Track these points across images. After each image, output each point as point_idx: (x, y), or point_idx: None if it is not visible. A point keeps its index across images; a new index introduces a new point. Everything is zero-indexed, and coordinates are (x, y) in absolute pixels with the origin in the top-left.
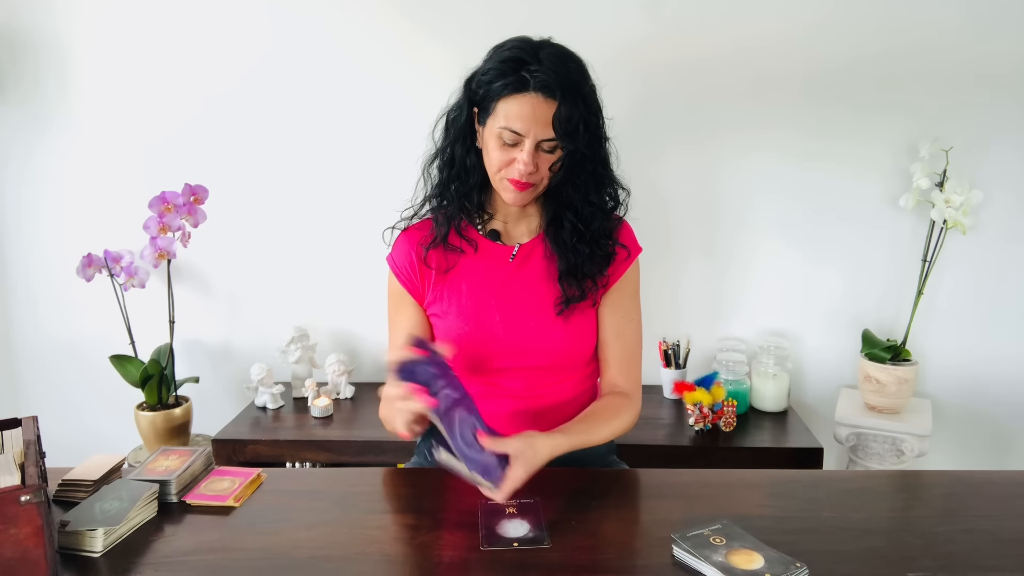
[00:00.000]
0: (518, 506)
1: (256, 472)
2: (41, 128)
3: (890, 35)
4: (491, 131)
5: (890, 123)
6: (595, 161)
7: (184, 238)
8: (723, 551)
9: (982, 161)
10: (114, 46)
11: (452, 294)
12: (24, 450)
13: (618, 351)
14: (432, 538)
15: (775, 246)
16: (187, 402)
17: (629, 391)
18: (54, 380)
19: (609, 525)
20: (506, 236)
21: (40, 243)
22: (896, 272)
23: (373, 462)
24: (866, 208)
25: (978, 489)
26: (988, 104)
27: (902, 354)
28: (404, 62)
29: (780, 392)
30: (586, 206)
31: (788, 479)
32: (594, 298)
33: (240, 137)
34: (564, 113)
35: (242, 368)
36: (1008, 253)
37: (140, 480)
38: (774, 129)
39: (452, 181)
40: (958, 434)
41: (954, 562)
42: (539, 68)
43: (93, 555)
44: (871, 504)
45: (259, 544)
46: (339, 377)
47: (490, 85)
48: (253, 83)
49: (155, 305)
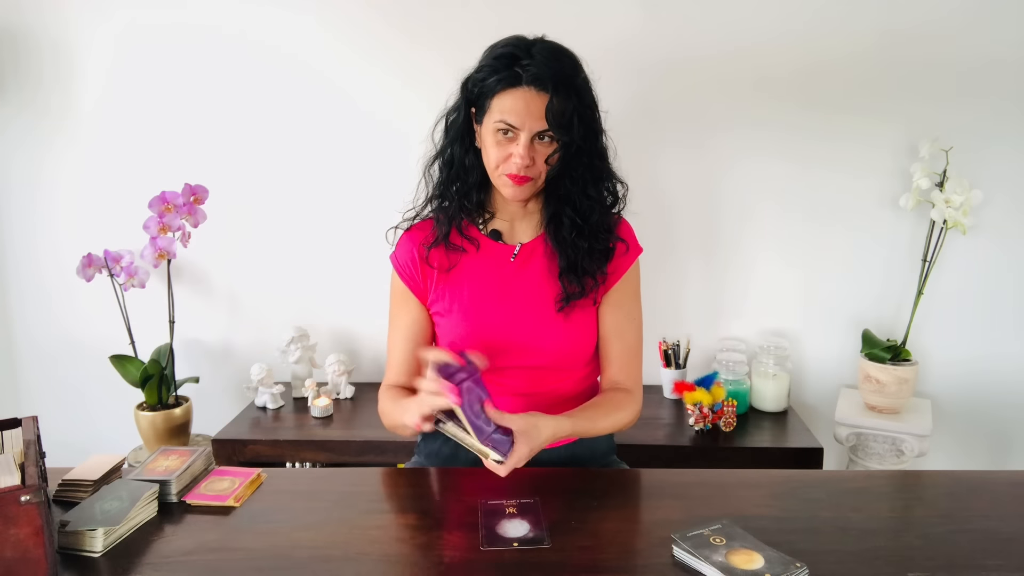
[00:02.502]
0: (518, 506)
1: (256, 472)
2: (42, 128)
3: (890, 34)
4: (488, 128)
5: (890, 123)
6: (592, 154)
7: (184, 238)
8: (723, 551)
9: (982, 161)
10: (115, 46)
11: (454, 293)
12: (24, 450)
13: (619, 349)
14: (432, 538)
15: (775, 246)
16: (187, 402)
17: (630, 388)
18: (54, 380)
19: (609, 525)
20: (508, 236)
21: (40, 243)
22: (896, 272)
23: (373, 462)
24: (866, 208)
25: (978, 489)
26: (988, 104)
27: (902, 354)
28: (404, 62)
29: (780, 392)
30: (584, 200)
31: (788, 479)
32: (595, 296)
33: (240, 137)
34: (557, 106)
35: (242, 368)
36: (1008, 253)
37: (140, 480)
38: (774, 129)
39: (452, 181)
40: (958, 434)
41: (954, 562)
42: (531, 62)
43: (93, 555)
44: (871, 504)
45: (259, 544)
46: (339, 377)
47: (484, 82)
48: (253, 83)
49: (155, 305)
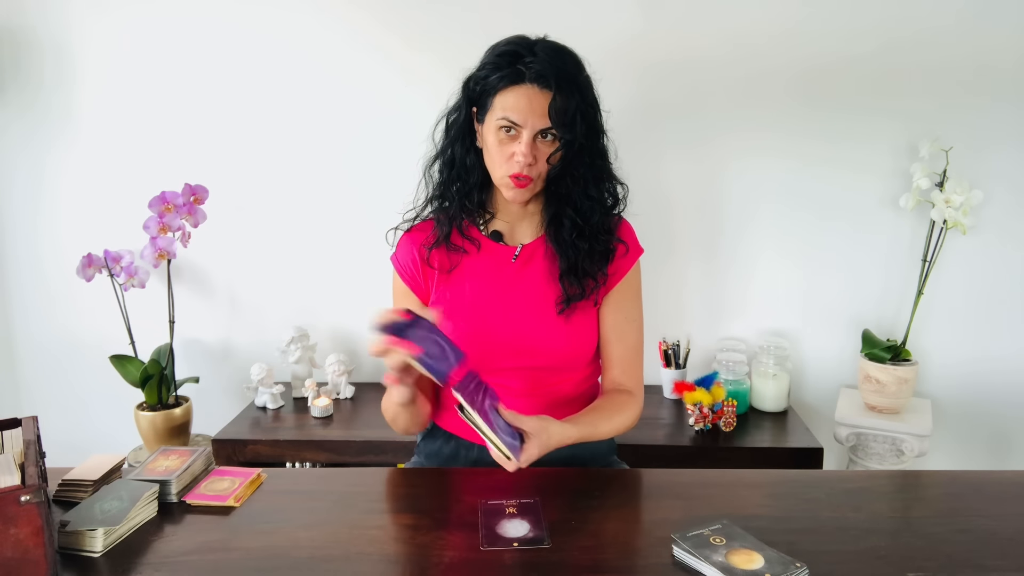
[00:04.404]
0: (518, 506)
1: (256, 472)
2: (41, 128)
3: (890, 34)
4: (490, 126)
5: (890, 123)
6: (593, 153)
7: (184, 238)
8: (723, 551)
9: (982, 161)
10: (115, 46)
11: (455, 294)
12: (24, 450)
13: (620, 350)
14: (432, 538)
15: (775, 246)
16: (187, 402)
17: (632, 388)
18: (54, 380)
19: (609, 525)
20: (509, 237)
21: (40, 243)
22: (896, 272)
23: (373, 462)
24: (866, 208)
25: (978, 489)
26: (988, 104)
27: (902, 354)
28: (404, 62)
29: (780, 392)
30: (585, 200)
31: (788, 479)
32: (595, 297)
33: (240, 137)
34: (560, 103)
35: (242, 368)
36: (1008, 253)
37: (140, 480)
38: (774, 129)
39: (453, 181)
40: (958, 434)
41: (954, 562)
42: (534, 60)
43: (93, 555)
44: (871, 504)
45: (259, 544)
46: (339, 377)
47: (487, 80)
48: (253, 83)
49: (155, 305)
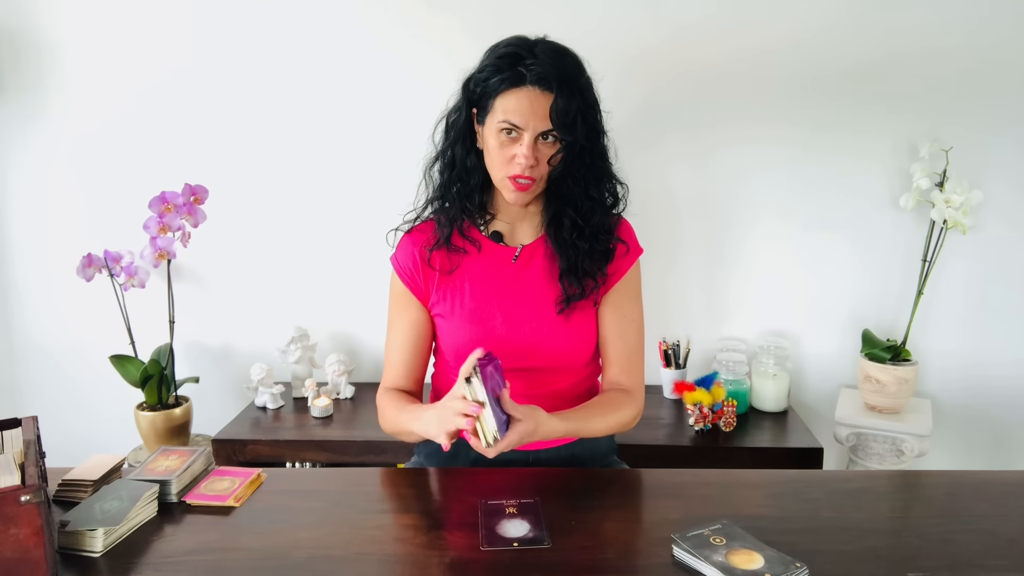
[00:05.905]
0: (518, 506)
1: (256, 472)
2: (41, 128)
3: (890, 35)
4: (491, 129)
5: (890, 123)
6: (593, 154)
7: (184, 238)
8: (723, 551)
9: (982, 161)
10: (114, 45)
11: (455, 295)
12: (24, 450)
13: (620, 350)
14: (432, 538)
15: (775, 246)
16: (187, 402)
17: (631, 388)
18: (54, 380)
19: (609, 525)
20: (509, 237)
21: (40, 243)
22: (896, 272)
23: (373, 462)
24: (866, 208)
25: (978, 489)
26: (988, 104)
27: (902, 354)
28: (404, 63)
29: (780, 392)
30: (585, 200)
31: (788, 479)
32: (595, 297)
33: (240, 137)
34: (561, 105)
35: (242, 368)
36: (1008, 253)
37: (140, 480)
38: (774, 129)
39: (453, 183)
40: (958, 434)
41: (954, 562)
42: (535, 62)
43: (93, 555)
44: (871, 504)
45: (259, 544)
46: (339, 377)
47: (487, 82)
48: (253, 83)
49: (155, 305)
